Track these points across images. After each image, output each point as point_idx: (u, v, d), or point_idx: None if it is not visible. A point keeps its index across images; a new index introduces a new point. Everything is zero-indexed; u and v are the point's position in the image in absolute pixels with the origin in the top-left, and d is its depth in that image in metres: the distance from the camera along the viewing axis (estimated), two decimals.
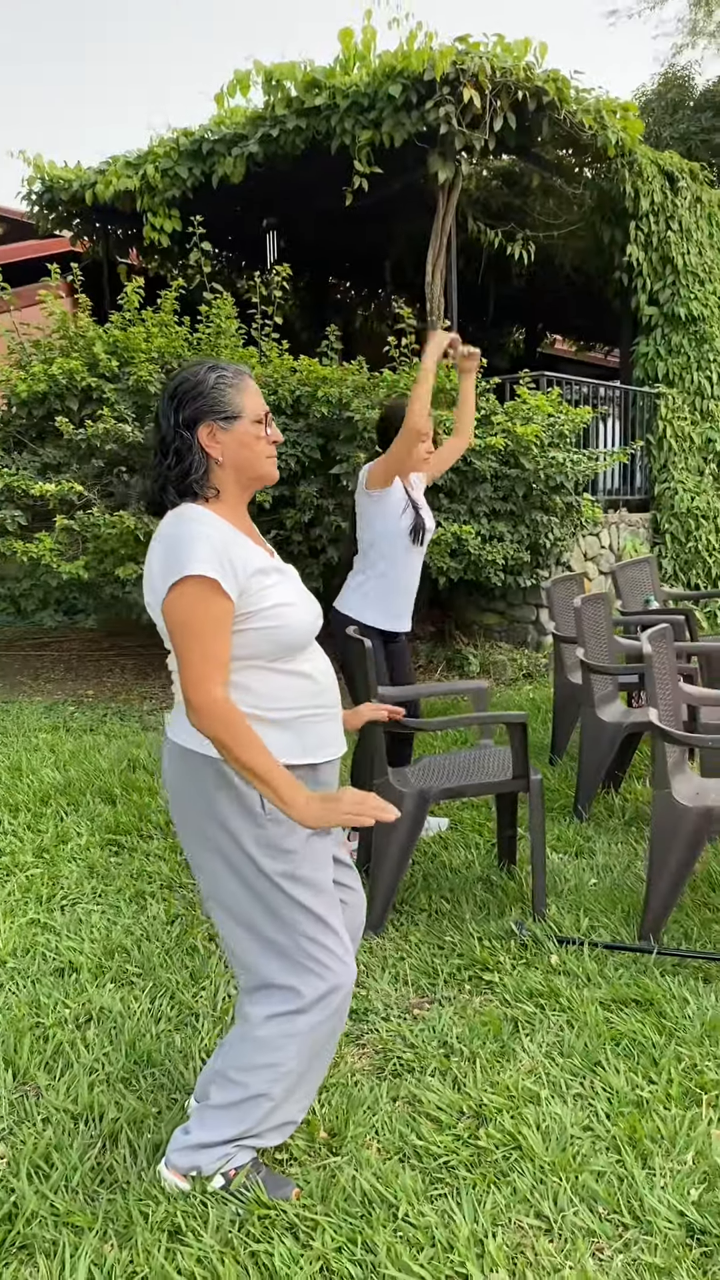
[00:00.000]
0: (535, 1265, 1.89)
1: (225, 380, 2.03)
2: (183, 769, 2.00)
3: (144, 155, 8.75)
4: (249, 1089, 2.03)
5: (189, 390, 2.02)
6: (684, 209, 9.48)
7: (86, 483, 6.61)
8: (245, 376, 2.06)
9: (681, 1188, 2.08)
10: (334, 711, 2.09)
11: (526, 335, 15.52)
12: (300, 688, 2.01)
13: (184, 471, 1.99)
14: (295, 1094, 2.08)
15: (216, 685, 1.85)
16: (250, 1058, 2.03)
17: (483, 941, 3.17)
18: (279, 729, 1.97)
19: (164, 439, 2.02)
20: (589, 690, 4.29)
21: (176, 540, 1.90)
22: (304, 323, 12.53)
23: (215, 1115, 2.07)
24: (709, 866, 3.71)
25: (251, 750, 1.85)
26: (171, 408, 2.02)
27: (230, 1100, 2.05)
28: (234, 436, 2.01)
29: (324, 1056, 2.11)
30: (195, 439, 1.99)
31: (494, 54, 7.20)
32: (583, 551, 8.23)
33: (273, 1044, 2.02)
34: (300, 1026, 2.01)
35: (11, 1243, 1.97)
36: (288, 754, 1.97)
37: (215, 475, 2.02)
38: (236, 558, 1.90)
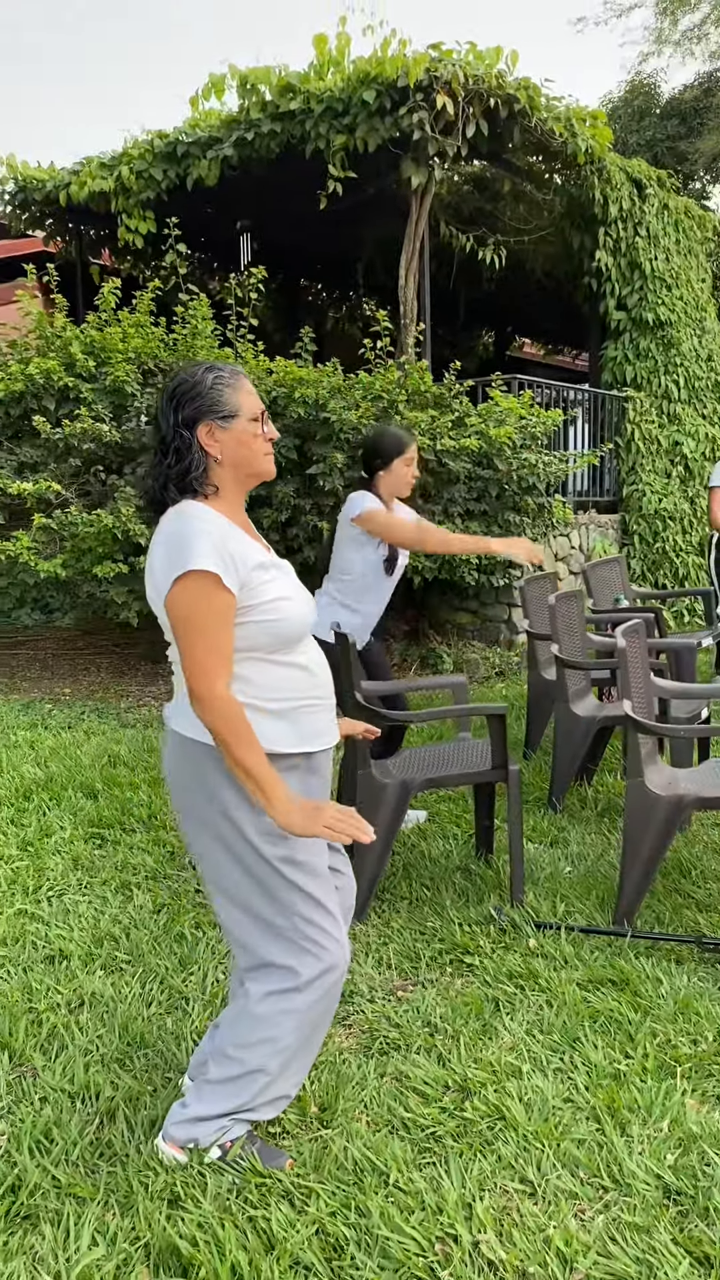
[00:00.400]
0: (521, 1225, 1.98)
1: (222, 380, 2.10)
2: (184, 758, 2.08)
3: (118, 157, 8.80)
4: (246, 1064, 2.11)
5: (187, 391, 2.09)
6: (651, 215, 9.65)
7: (64, 482, 6.65)
8: (241, 377, 2.14)
9: (658, 1153, 2.18)
10: (328, 702, 2.17)
11: (496, 338, 15.68)
12: (296, 679, 2.09)
13: (184, 470, 2.07)
14: (290, 1069, 2.16)
15: (220, 679, 1.93)
16: (248, 1034, 2.11)
17: (463, 927, 3.26)
18: (276, 719, 2.05)
19: (164, 439, 2.09)
20: (563, 685, 4.40)
21: (178, 536, 1.97)
22: (276, 324, 12.60)
23: (213, 1090, 2.15)
24: (679, 854, 3.83)
25: (248, 748, 1.93)
26: (171, 408, 2.09)
27: (228, 1075, 2.13)
28: (232, 435, 2.09)
29: (318, 1034, 2.19)
30: (194, 438, 2.07)
31: (466, 61, 7.32)
32: (553, 552, 8.37)
33: (270, 1021, 2.10)
34: (297, 1004, 2.09)
35: (16, 1213, 2.04)
36: (284, 743, 2.05)
37: (214, 473, 2.09)
38: (237, 553, 1.98)
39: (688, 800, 3.20)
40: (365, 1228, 1.98)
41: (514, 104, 7.63)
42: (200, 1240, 1.93)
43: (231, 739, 1.92)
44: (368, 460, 3.90)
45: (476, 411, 7.13)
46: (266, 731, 2.02)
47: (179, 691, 2.11)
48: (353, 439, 6.47)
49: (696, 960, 3.04)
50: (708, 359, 10.44)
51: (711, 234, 10.81)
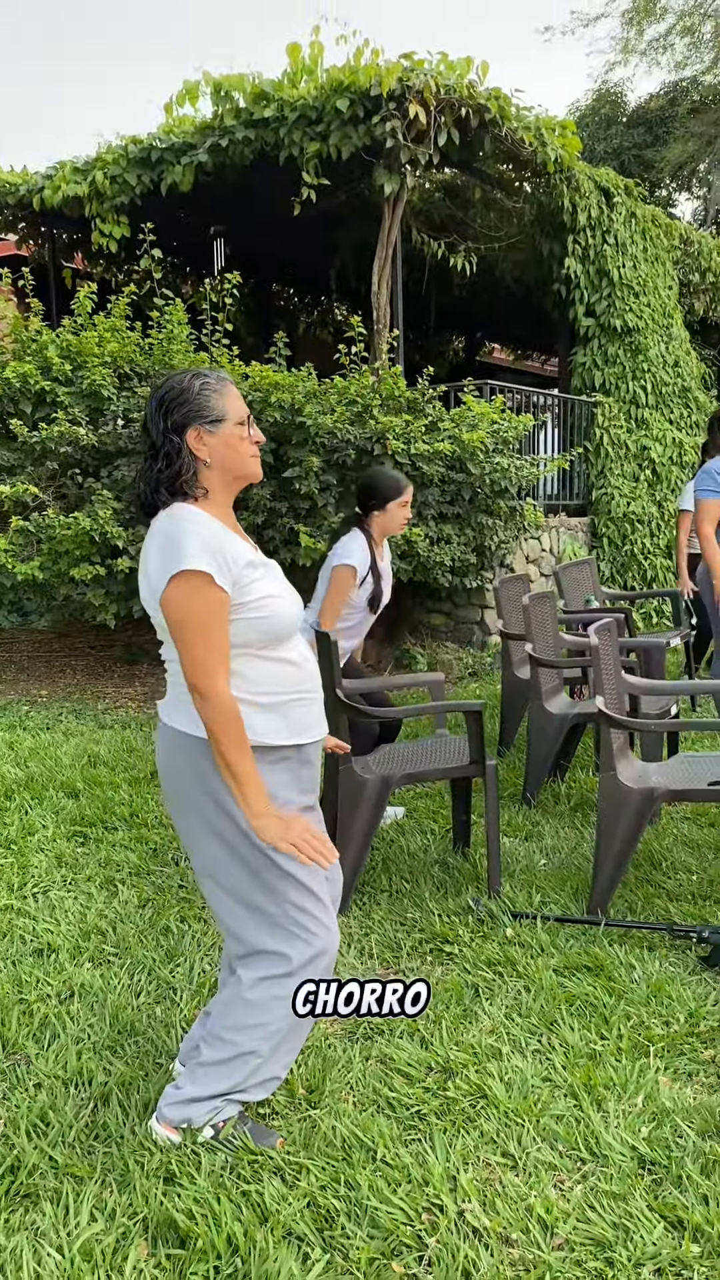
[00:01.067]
0: (504, 1195, 2.07)
1: (209, 386, 2.18)
2: (178, 751, 2.15)
3: (93, 161, 8.83)
4: (239, 1047, 2.19)
5: (175, 397, 2.17)
6: (619, 224, 9.81)
7: (41, 485, 6.69)
8: (227, 382, 2.22)
9: (633, 1126, 2.28)
10: (317, 696, 2.25)
11: (466, 344, 15.83)
12: (286, 673, 2.17)
13: (174, 473, 2.14)
14: (280, 1052, 2.24)
15: (221, 676, 2.02)
16: (241, 1018, 2.19)
17: (442, 917, 3.35)
18: (267, 712, 2.13)
19: (154, 444, 2.17)
20: (536, 684, 4.51)
21: (171, 537, 2.05)
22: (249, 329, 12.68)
23: (206, 1072, 2.22)
24: (650, 846, 3.95)
25: (239, 748, 2.02)
26: (160, 414, 2.17)
27: (221, 1057, 2.21)
28: (220, 439, 2.17)
29: (307, 1019, 2.28)
30: (184, 443, 2.14)
31: (438, 71, 7.43)
32: (525, 554, 8.49)
33: (262, 1005, 2.18)
34: (288, 989, 2.17)
35: (16, 1192, 2.11)
36: (276, 735, 2.14)
37: (204, 476, 2.17)
38: (228, 552, 2.06)
39: (658, 793, 3.31)
40: (355, 1200, 2.06)
41: (485, 113, 7.75)
42: (197, 1213, 2.00)
43: (225, 737, 2.01)
44: (363, 499, 3.98)
45: (449, 416, 7.24)
46: (258, 725, 2.11)
47: (173, 687, 2.19)
48: (328, 443, 6.55)
49: (668, 946, 3.14)
50: (674, 365, 10.61)
51: (678, 242, 11.00)
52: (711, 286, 11.89)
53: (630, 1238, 1.96)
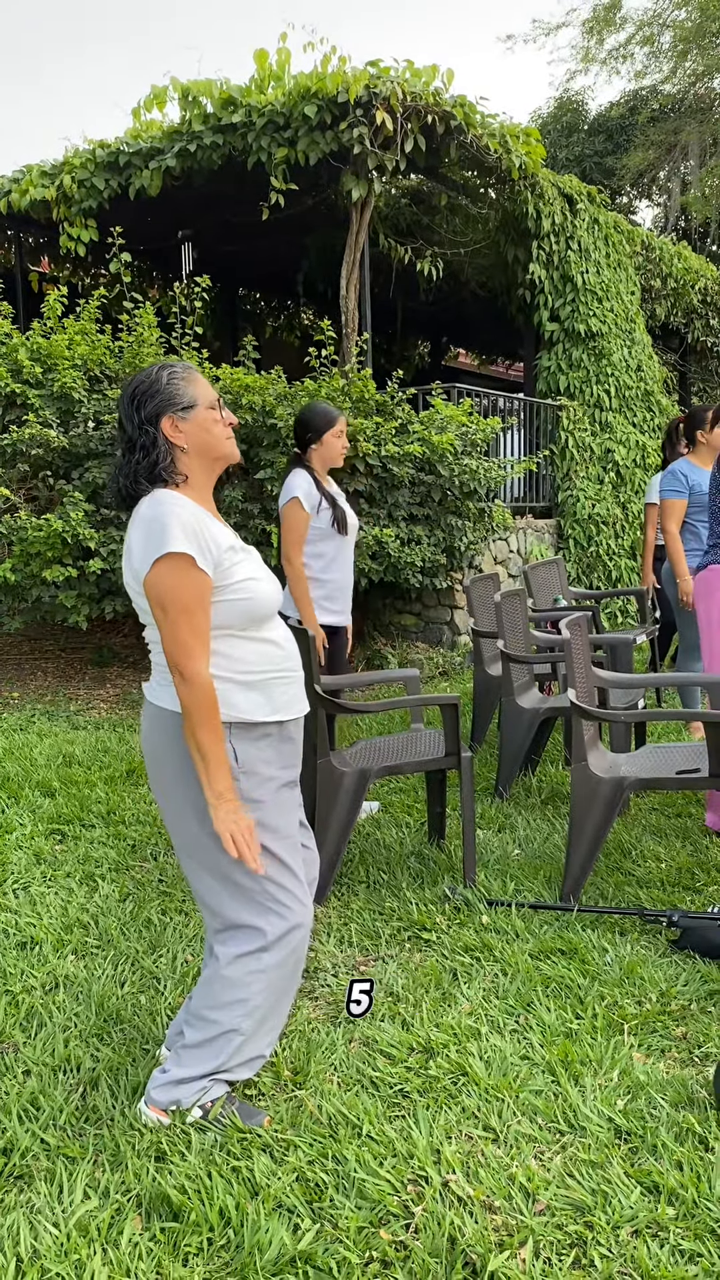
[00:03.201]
0: (486, 1166, 2.14)
1: (176, 375, 2.25)
2: (162, 729, 2.21)
3: (60, 165, 8.85)
4: (221, 1025, 2.25)
5: (146, 390, 2.23)
6: (583, 230, 9.97)
7: (12, 487, 6.70)
8: (192, 370, 2.29)
9: (609, 1100, 2.36)
10: (298, 675, 2.32)
11: (432, 348, 15.96)
12: (268, 653, 2.24)
13: (152, 463, 2.20)
14: (262, 1030, 2.30)
15: (201, 658, 2.08)
16: (220, 996, 2.25)
17: (419, 906, 3.42)
18: (250, 690, 2.20)
19: (130, 438, 2.23)
20: (508, 679, 4.59)
21: (154, 521, 2.11)
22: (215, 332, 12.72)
23: (190, 1053, 2.28)
24: (620, 836, 4.04)
25: (211, 731, 2.09)
26: (133, 408, 2.23)
27: (204, 1037, 2.26)
28: (194, 424, 2.23)
29: (287, 995, 2.34)
30: (159, 432, 2.20)
31: (404, 79, 7.53)
32: (493, 555, 8.60)
33: (241, 981, 2.24)
34: (265, 963, 2.24)
35: (10, 1173, 2.15)
36: (259, 712, 2.20)
37: (182, 462, 2.23)
38: (209, 535, 2.13)
39: (628, 782, 3.40)
40: (342, 1173, 2.12)
41: (450, 120, 7.86)
42: (189, 1189, 2.06)
43: (199, 716, 2.07)
44: (300, 435, 4.12)
45: (419, 419, 7.33)
46: (241, 702, 2.17)
47: (157, 668, 2.25)
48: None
49: (639, 931, 3.23)
50: (637, 369, 10.79)
51: (639, 248, 11.19)
52: (672, 292, 12.10)
53: (609, 1202, 2.03)
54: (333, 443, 4.04)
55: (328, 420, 4.03)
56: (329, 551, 4.13)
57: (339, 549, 4.11)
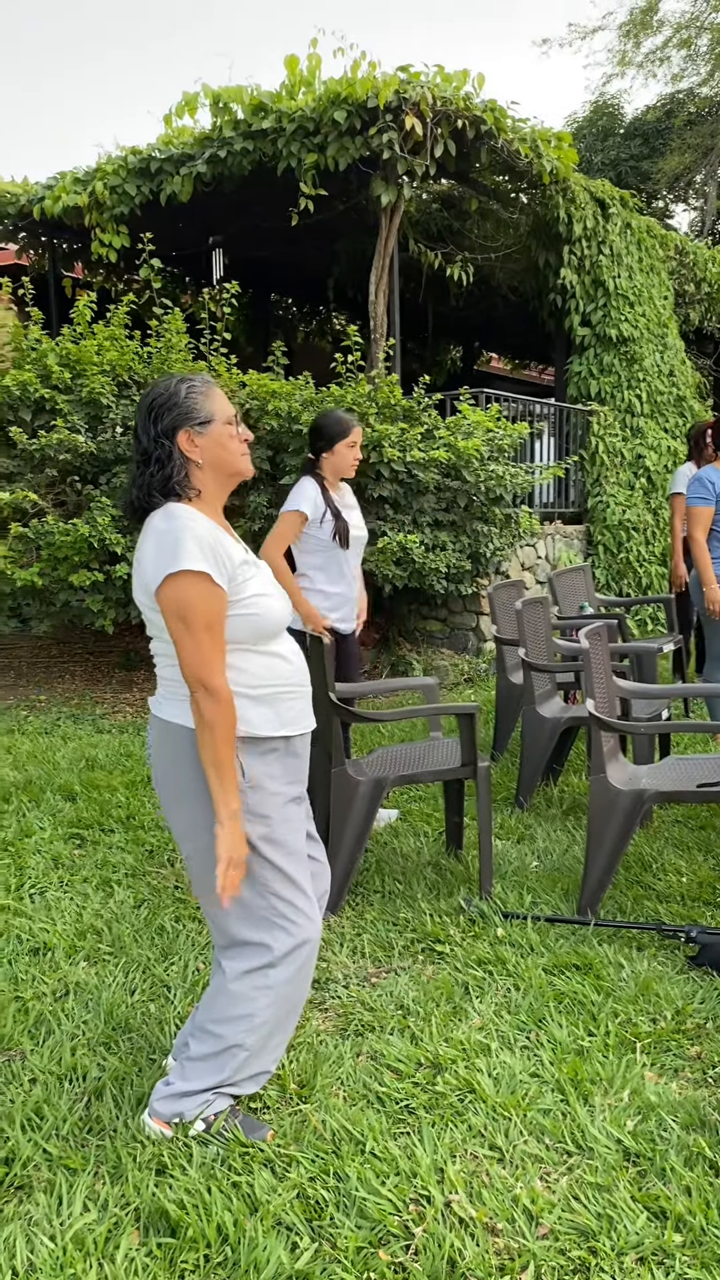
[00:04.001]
0: (490, 1186, 2.11)
1: (195, 389, 2.23)
2: (170, 743, 2.20)
3: (92, 172, 8.90)
4: (226, 1040, 2.23)
5: (164, 403, 2.22)
6: (615, 234, 9.89)
7: (40, 492, 6.74)
8: (211, 385, 2.28)
9: (619, 1120, 2.31)
10: (305, 690, 2.30)
11: (464, 352, 15.91)
12: (277, 667, 2.22)
13: (166, 476, 2.19)
14: (268, 1045, 2.28)
15: (221, 672, 2.08)
16: (226, 1010, 2.23)
17: (434, 917, 3.39)
18: (258, 704, 2.18)
19: (145, 451, 2.22)
20: (529, 688, 4.55)
21: (168, 535, 2.10)
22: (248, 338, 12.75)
23: (195, 1066, 2.26)
24: (641, 848, 3.98)
25: (228, 745, 2.08)
26: (150, 420, 2.21)
27: (209, 1051, 2.25)
28: (210, 439, 2.22)
29: (294, 1011, 2.32)
30: (175, 446, 2.19)
31: (434, 84, 7.50)
32: (520, 561, 8.54)
33: (247, 997, 2.22)
34: (272, 980, 2.22)
35: (10, 1183, 2.14)
36: (267, 726, 2.18)
37: (196, 477, 2.22)
38: (223, 550, 2.12)
39: (648, 795, 3.35)
40: (343, 1191, 2.09)
41: (481, 125, 7.82)
42: (188, 1203, 2.04)
43: (222, 732, 2.06)
44: (313, 442, 4.09)
45: (445, 424, 7.29)
46: (250, 716, 2.16)
47: (163, 682, 2.24)
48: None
49: (656, 946, 3.18)
50: (669, 374, 10.68)
51: (673, 252, 11.09)
52: (707, 297, 11.98)
53: (614, 1227, 1.99)
54: (345, 453, 4.01)
55: (342, 429, 4.00)
56: (331, 563, 4.09)
57: (342, 560, 4.07)
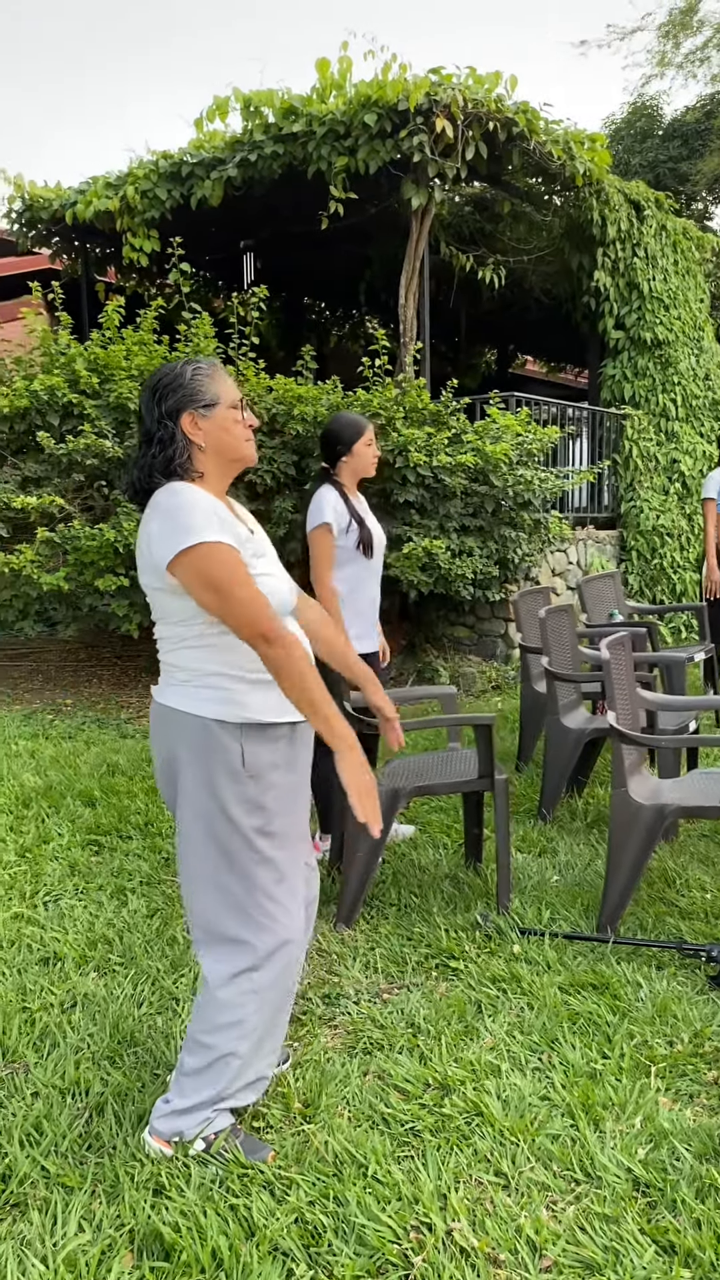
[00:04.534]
0: (494, 1215, 2.05)
1: (201, 371, 2.21)
2: (170, 729, 2.17)
3: (124, 176, 8.92)
4: (217, 1050, 2.19)
5: (169, 384, 2.19)
6: (650, 236, 9.77)
7: (67, 496, 6.75)
8: (218, 368, 2.25)
9: (629, 1148, 2.24)
10: None
11: (498, 356, 15.81)
12: None
13: (168, 458, 2.16)
14: (261, 1050, 2.24)
15: (273, 617, 2.02)
16: (214, 1019, 2.19)
17: (449, 933, 3.33)
18: (261, 689, 2.15)
19: (148, 431, 2.20)
20: (553, 697, 4.47)
21: (176, 509, 2.07)
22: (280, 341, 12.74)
23: (189, 1081, 2.22)
24: (665, 863, 3.90)
25: (318, 680, 2.03)
26: (154, 401, 2.19)
27: (202, 1063, 2.20)
28: (214, 422, 2.19)
29: (283, 1011, 2.28)
30: (178, 428, 2.17)
31: (466, 86, 7.44)
32: (550, 567, 8.45)
33: (234, 1003, 2.18)
34: (257, 982, 2.18)
35: (6, 1201, 2.11)
36: (271, 712, 2.15)
37: (199, 460, 2.19)
38: (229, 522, 2.10)
39: (670, 809, 3.27)
40: (343, 1216, 2.04)
41: (513, 127, 7.75)
42: (183, 1226, 2.00)
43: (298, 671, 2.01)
44: (329, 448, 3.97)
45: (473, 428, 7.22)
46: (252, 701, 2.12)
47: (165, 667, 2.22)
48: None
49: (677, 965, 3.10)
50: (705, 378, 10.54)
51: (710, 255, 10.94)
52: None
53: (620, 1261, 1.93)
54: (364, 452, 3.94)
55: (356, 430, 3.93)
56: (354, 574, 4.00)
57: (365, 570, 3.99)
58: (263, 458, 6.73)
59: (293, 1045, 2.68)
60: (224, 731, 2.12)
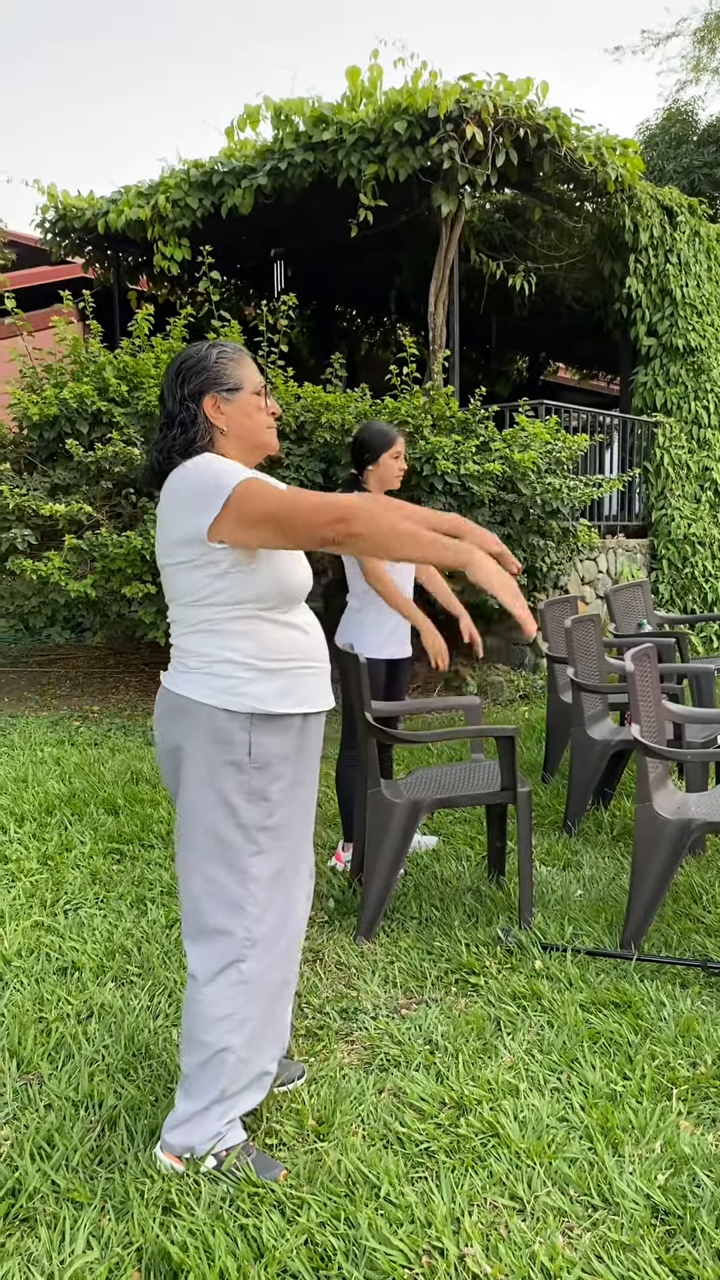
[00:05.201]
0: (508, 1241, 2.00)
1: (226, 355, 2.19)
2: (176, 716, 2.15)
3: (155, 185, 8.98)
4: (211, 1046, 2.16)
5: (193, 366, 2.17)
6: (683, 243, 9.69)
7: (95, 504, 6.78)
8: (243, 353, 2.23)
9: (649, 1173, 2.19)
10: (324, 667, 2.24)
11: (530, 363, 15.75)
12: (295, 640, 2.16)
13: (189, 440, 2.14)
14: (261, 1045, 2.21)
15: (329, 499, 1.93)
16: (206, 1013, 2.17)
17: (470, 947, 3.29)
18: (273, 678, 2.12)
19: (170, 413, 2.18)
20: (579, 709, 4.42)
21: (203, 470, 2.05)
22: (311, 349, 12.76)
23: (191, 1082, 2.20)
24: (691, 879, 3.83)
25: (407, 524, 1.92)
26: (177, 383, 2.17)
27: (199, 1061, 2.18)
28: (236, 407, 2.16)
29: (280, 1005, 2.25)
30: (200, 410, 2.14)
31: (496, 92, 7.42)
32: (580, 576, 8.38)
33: (224, 996, 2.16)
34: (245, 974, 2.16)
35: (14, 1215, 2.09)
36: (283, 703, 2.12)
37: (220, 443, 2.17)
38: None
39: (696, 824, 3.21)
40: (353, 1239, 2.01)
41: (544, 134, 7.72)
42: (191, 1246, 1.97)
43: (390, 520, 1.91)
44: (358, 456, 3.99)
45: (501, 436, 7.18)
46: (264, 692, 2.10)
47: (175, 654, 2.20)
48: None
49: (701, 984, 3.04)
50: None
51: None
52: None
53: None
54: (390, 464, 3.92)
55: (385, 441, 3.91)
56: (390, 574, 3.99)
57: (400, 573, 3.97)
58: (290, 465, 6.72)
59: (308, 1060, 2.65)
60: (232, 721, 2.09)
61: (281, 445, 6.62)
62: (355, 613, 3.98)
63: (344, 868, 3.99)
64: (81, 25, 61.45)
